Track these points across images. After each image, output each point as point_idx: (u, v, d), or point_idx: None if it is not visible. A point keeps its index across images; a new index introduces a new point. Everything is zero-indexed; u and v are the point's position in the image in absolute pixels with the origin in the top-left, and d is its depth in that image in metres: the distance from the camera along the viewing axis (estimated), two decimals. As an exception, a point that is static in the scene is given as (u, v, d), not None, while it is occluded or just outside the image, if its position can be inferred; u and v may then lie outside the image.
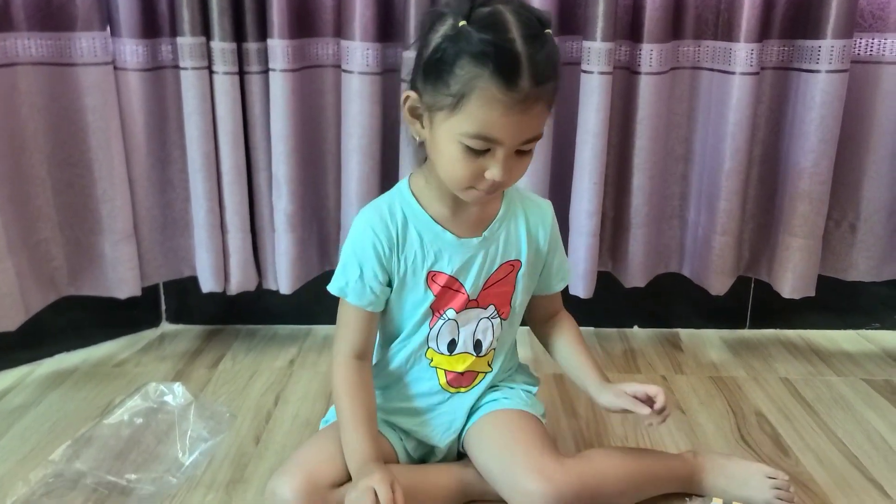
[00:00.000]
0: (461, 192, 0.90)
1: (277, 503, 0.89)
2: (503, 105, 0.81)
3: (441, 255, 0.97)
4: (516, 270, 1.01)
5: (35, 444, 1.16)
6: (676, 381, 1.40)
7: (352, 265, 0.96)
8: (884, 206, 1.43)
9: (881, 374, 1.42)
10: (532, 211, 1.02)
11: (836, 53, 1.29)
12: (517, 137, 0.84)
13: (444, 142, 0.86)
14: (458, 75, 0.81)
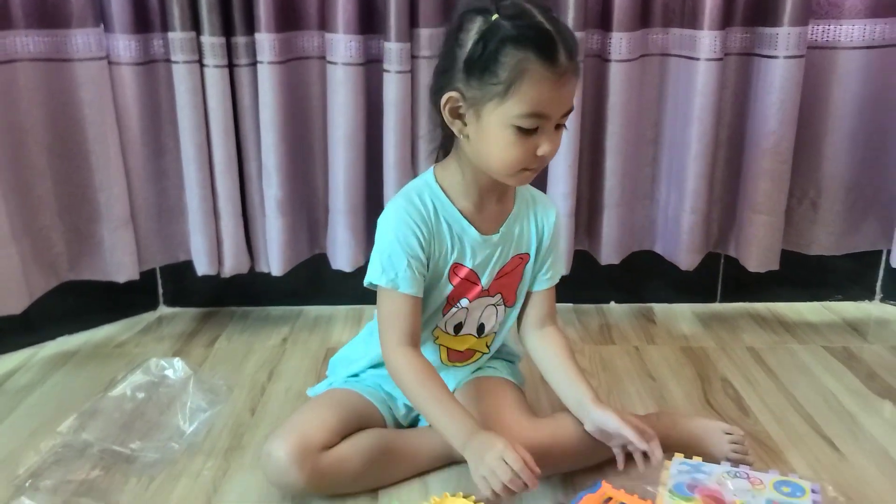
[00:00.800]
0: (512, 176, 0.96)
1: (272, 464, 0.97)
2: (549, 81, 0.89)
3: (465, 250, 1.03)
4: (524, 263, 1.08)
5: (43, 419, 1.23)
6: (648, 350, 1.48)
7: (398, 255, 0.99)
8: (842, 183, 1.51)
9: (840, 341, 1.51)
10: (541, 209, 1.10)
11: (793, 40, 1.37)
12: (561, 110, 0.92)
13: (496, 130, 0.92)
14: (505, 63, 0.88)
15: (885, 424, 1.20)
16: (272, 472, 0.98)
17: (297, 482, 0.96)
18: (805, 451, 1.12)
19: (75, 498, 1.01)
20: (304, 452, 0.96)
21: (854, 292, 1.70)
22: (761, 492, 0.95)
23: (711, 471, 0.99)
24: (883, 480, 1.05)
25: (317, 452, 0.97)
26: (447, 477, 1.06)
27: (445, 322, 1.08)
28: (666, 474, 0.98)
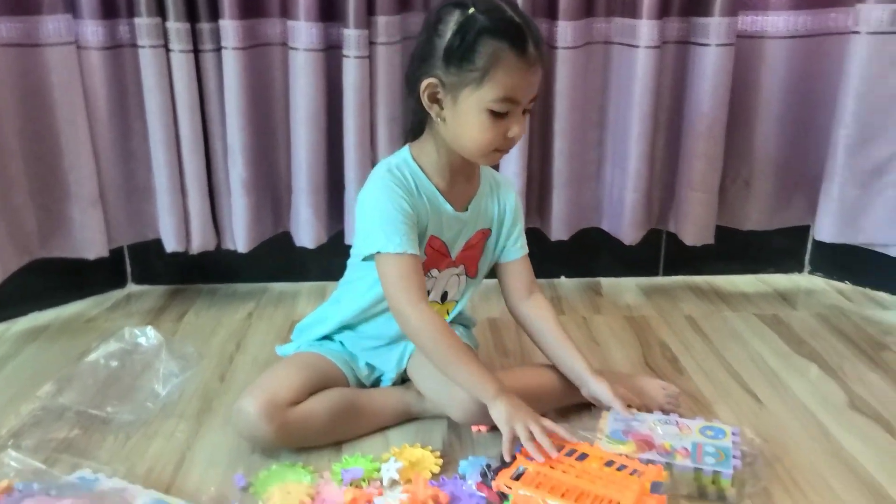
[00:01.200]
0: (485, 156, 1.05)
1: (243, 419, 1.05)
2: (519, 69, 0.98)
3: (440, 224, 1.11)
4: (486, 238, 1.17)
5: (20, 388, 1.28)
6: (594, 320, 1.58)
7: (398, 220, 1.04)
8: (772, 163, 1.64)
9: (770, 309, 1.64)
10: (503, 191, 1.19)
11: (724, 29, 1.48)
12: (529, 96, 1.02)
13: (471, 113, 1.00)
14: (482, 52, 0.97)
15: (804, 380, 1.32)
16: (243, 427, 1.06)
17: (266, 435, 1.04)
18: (731, 404, 1.23)
19: (56, 454, 1.08)
20: (272, 408, 1.04)
21: (785, 265, 1.83)
22: (688, 435, 1.05)
23: (644, 419, 1.09)
24: (798, 428, 1.16)
25: (284, 408, 1.05)
26: (406, 431, 1.15)
27: None
28: (604, 423, 1.09)
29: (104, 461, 1.06)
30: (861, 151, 1.53)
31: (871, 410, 1.22)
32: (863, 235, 1.59)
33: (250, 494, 1.00)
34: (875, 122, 1.51)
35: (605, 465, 0.96)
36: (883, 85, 1.48)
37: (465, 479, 1.03)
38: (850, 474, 1.04)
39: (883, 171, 1.54)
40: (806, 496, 1.00)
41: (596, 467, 0.95)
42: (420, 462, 1.06)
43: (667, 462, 0.99)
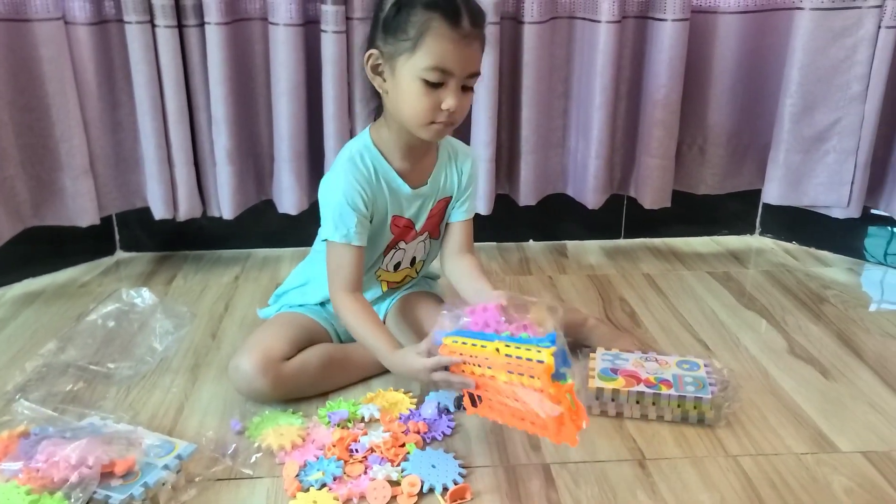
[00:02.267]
0: (423, 128, 1.09)
1: (240, 375, 1.14)
2: (451, 40, 1.03)
3: (402, 203, 1.19)
4: (447, 204, 1.25)
5: (21, 347, 1.36)
6: (560, 279, 1.70)
7: (348, 214, 1.13)
8: (725, 131, 1.75)
9: (722, 267, 1.76)
10: (460, 157, 1.25)
11: (679, 5, 1.58)
12: (464, 69, 1.05)
13: (406, 81, 1.06)
14: (414, 22, 1.03)
15: (750, 331, 1.45)
16: (240, 383, 1.15)
17: (262, 388, 1.14)
18: (683, 351, 1.36)
19: (63, 405, 1.16)
20: (267, 363, 1.14)
21: (737, 227, 1.96)
22: (668, 369, 1.19)
23: (628, 357, 1.23)
24: (742, 371, 1.29)
25: (278, 362, 1.15)
26: (386, 379, 1.26)
27: (387, 263, 1.26)
28: (593, 363, 1.21)
29: (109, 410, 1.15)
30: (804, 119, 1.65)
31: (807, 356, 1.35)
32: (806, 198, 1.72)
33: (246, 437, 1.10)
34: (817, 91, 1.62)
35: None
36: (824, 57, 1.60)
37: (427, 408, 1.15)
38: (786, 410, 1.17)
39: (824, 137, 1.66)
40: (745, 428, 1.12)
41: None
42: (396, 404, 1.17)
43: (655, 392, 1.12)
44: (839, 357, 1.34)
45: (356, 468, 1.02)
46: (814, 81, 1.61)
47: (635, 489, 0.99)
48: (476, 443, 1.09)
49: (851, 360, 1.33)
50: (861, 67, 1.58)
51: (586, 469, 1.03)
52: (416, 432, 1.10)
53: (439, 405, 1.16)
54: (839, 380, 1.26)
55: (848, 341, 1.40)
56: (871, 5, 1.54)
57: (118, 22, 1.52)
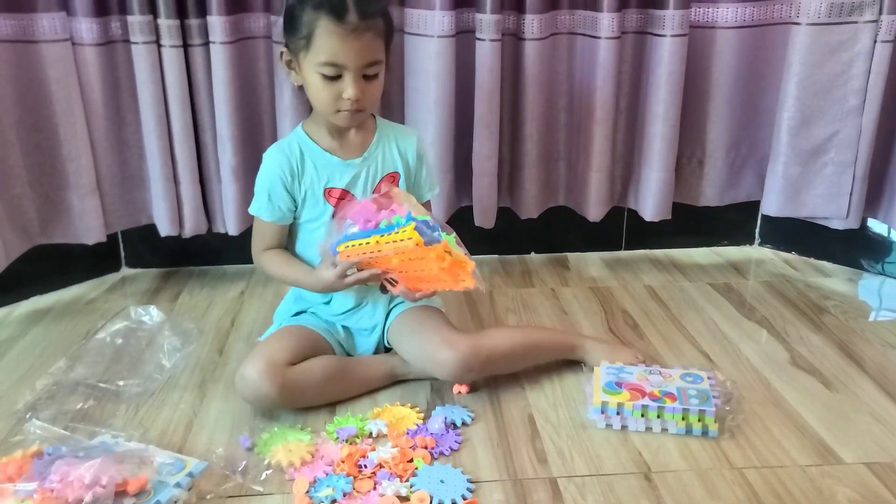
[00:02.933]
0: (332, 115, 1.19)
1: (246, 382, 1.16)
2: (338, 35, 1.12)
3: (332, 175, 1.26)
4: (397, 180, 1.30)
5: (30, 365, 1.38)
6: (562, 291, 1.71)
7: (262, 192, 1.25)
8: (723, 144, 1.77)
9: (723, 279, 1.78)
10: (401, 137, 1.31)
11: (678, 21, 1.60)
12: (358, 61, 1.14)
13: (308, 75, 1.16)
14: (305, 21, 1.13)
15: (752, 342, 1.46)
16: (247, 389, 1.17)
17: (268, 394, 1.15)
18: (685, 362, 1.37)
19: (73, 424, 1.18)
20: (272, 369, 1.15)
21: (737, 238, 1.98)
22: (672, 382, 1.21)
23: (632, 371, 1.24)
24: (744, 382, 1.30)
25: (283, 368, 1.17)
26: (392, 393, 1.27)
27: None
28: (597, 377, 1.22)
29: (119, 428, 1.16)
30: (802, 132, 1.67)
31: (809, 367, 1.36)
32: (805, 209, 1.74)
33: (255, 454, 1.11)
34: (814, 105, 1.64)
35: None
36: (821, 71, 1.62)
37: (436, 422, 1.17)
38: (789, 421, 1.19)
39: (822, 150, 1.68)
40: (749, 440, 1.14)
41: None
42: (403, 419, 1.19)
43: (659, 406, 1.14)
44: (841, 368, 1.35)
45: (365, 484, 1.03)
46: (811, 95, 1.63)
47: (642, 502, 1.01)
48: (483, 457, 1.10)
49: (853, 370, 1.35)
50: (858, 81, 1.60)
51: (593, 482, 1.05)
52: (424, 447, 1.11)
53: (446, 420, 1.17)
54: (841, 391, 1.28)
55: (849, 352, 1.41)
56: (867, 20, 1.56)
57: (124, 42, 1.54)
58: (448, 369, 1.20)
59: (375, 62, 1.16)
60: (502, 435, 1.16)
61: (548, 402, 1.24)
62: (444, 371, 1.21)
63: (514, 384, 1.29)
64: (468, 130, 1.69)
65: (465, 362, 1.19)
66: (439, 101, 1.62)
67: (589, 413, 1.18)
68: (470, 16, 1.63)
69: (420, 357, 1.23)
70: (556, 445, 1.13)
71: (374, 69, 1.17)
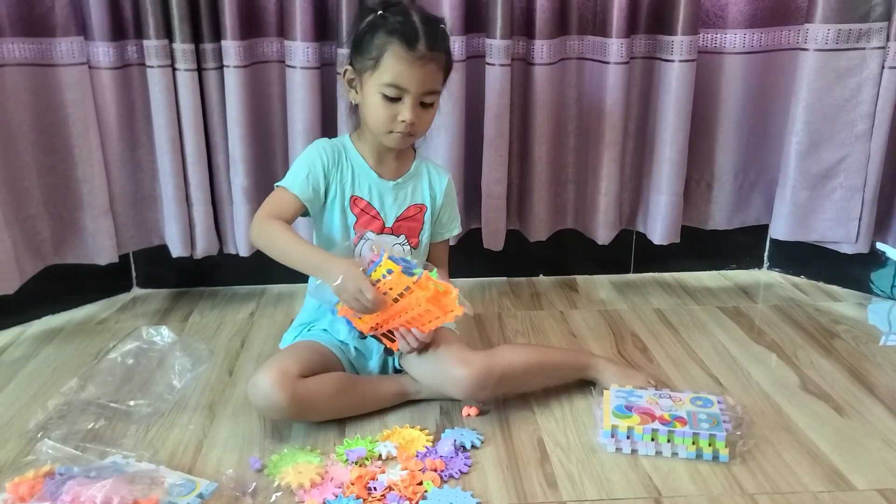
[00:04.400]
0: (385, 135, 1.25)
1: (259, 390, 1.17)
2: (406, 61, 1.19)
3: (363, 185, 1.31)
4: (423, 212, 1.34)
5: (42, 385, 1.38)
6: (572, 315, 1.71)
7: (302, 168, 1.28)
8: (731, 167, 1.78)
9: (732, 302, 1.78)
10: (434, 175, 1.38)
11: (686, 46, 1.62)
12: (419, 87, 1.21)
13: (370, 94, 1.23)
14: (377, 44, 1.21)
15: (762, 366, 1.46)
16: (259, 398, 1.17)
17: (280, 403, 1.15)
18: (695, 386, 1.37)
19: (84, 443, 1.18)
20: (284, 379, 1.16)
21: (745, 261, 1.98)
22: (682, 405, 1.20)
23: (642, 394, 1.24)
24: (755, 407, 1.30)
25: (295, 379, 1.17)
26: (402, 415, 1.27)
27: (360, 255, 1.29)
28: (607, 401, 1.22)
29: (129, 449, 1.16)
30: (811, 157, 1.68)
31: (820, 392, 1.36)
32: (814, 233, 1.74)
33: (265, 475, 1.11)
34: (823, 130, 1.65)
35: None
36: (829, 96, 1.63)
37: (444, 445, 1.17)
38: (800, 447, 1.18)
39: (830, 174, 1.68)
40: (760, 465, 1.13)
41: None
42: (412, 441, 1.19)
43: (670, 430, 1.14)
44: (852, 393, 1.35)
45: (375, 506, 1.03)
46: (819, 120, 1.64)
47: (653, 527, 1.00)
48: (493, 480, 1.10)
49: (864, 395, 1.34)
50: (866, 106, 1.61)
51: (603, 507, 1.04)
52: (434, 470, 1.11)
53: (456, 442, 1.17)
54: (853, 416, 1.27)
55: (860, 377, 1.41)
56: (875, 46, 1.58)
57: (140, 66, 1.57)
58: (463, 387, 1.20)
59: (434, 91, 1.24)
60: (512, 458, 1.16)
61: (557, 426, 1.24)
62: (459, 388, 1.21)
63: (524, 407, 1.29)
64: (477, 154, 1.71)
65: (480, 379, 1.20)
66: (449, 125, 1.64)
67: (599, 437, 1.18)
68: (480, 41, 1.65)
69: (434, 374, 1.24)
70: (566, 469, 1.13)
71: (431, 98, 1.24)
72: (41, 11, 1.46)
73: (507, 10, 1.58)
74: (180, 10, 1.52)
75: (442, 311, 1.16)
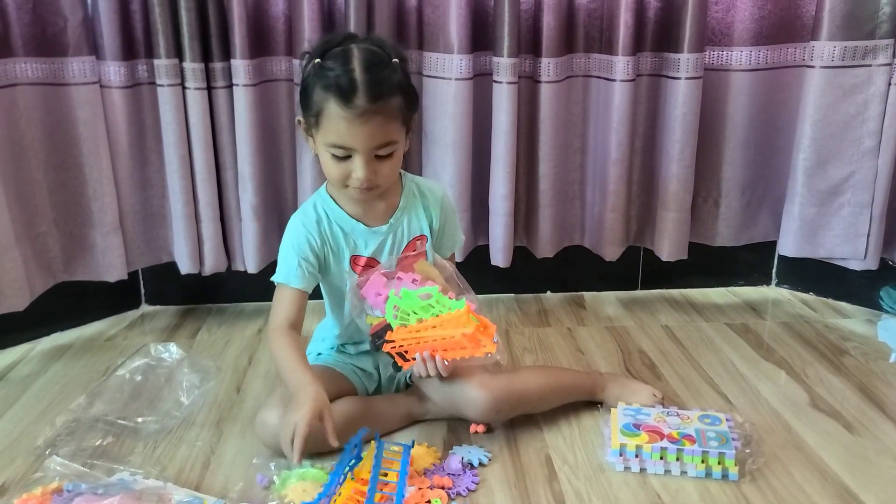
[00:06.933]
0: (341, 190, 1.17)
1: (267, 429, 1.16)
2: (346, 119, 1.07)
3: (359, 243, 1.23)
4: (424, 243, 1.28)
5: (50, 402, 1.39)
6: (579, 331, 1.71)
7: (291, 257, 1.20)
8: (739, 184, 1.78)
9: (740, 319, 1.77)
10: (427, 196, 1.28)
11: (692, 64, 1.62)
12: (367, 144, 1.09)
13: (320, 150, 1.14)
14: (315, 101, 1.10)
15: (771, 383, 1.45)
16: (267, 437, 1.17)
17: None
18: (704, 404, 1.36)
19: (92, 460, 1.18)
20: None
21: (754, 278, 1.97)
22: (690, 424, 1.20)
23: (650, 412, 1.24)
24: (763, 425, 1.29)
25: None
26: (409, 433, 1.27)
27: None
28: (615, 419, 1.22)
29: (137, 465, 1.17)
30: (818, 173, 1.68)
31: (830, 409, 1.35)
32: (822, 250, 1.73)
33: (272, 492, 1.11)
34: (830, 146, 1.65)
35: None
36: (835, 113, 1.63)
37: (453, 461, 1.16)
38: (810, 465, 1.17)
39: (838, 191, 1.68)
40: (770, 484, 1.12)
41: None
42: (421, 458, 1.18)
43: (679, 448, 1.13)
44: (862, 410, 1.34)
45: (383, 524, 1.03)
46: (826, 136, 1.65)
47: (662, 546, 1.00)
48: (500, 498, 1.10)
49: (874, 413, 1.33)
50: (873, 123, 1.61)
51: (612, 526, 1.04)
52: (441, 487, 1.10)
53: (463, 460, 1.17)
54: (863, 434, 1.26)
55: (870, 394, 1.40)
56: (881, 63, 1.58)
57: (150, 84, 1.59)
58: (480, 409, 1.20)
59: (388, 143, 1.11)
60: (519, 476, 1.15)
61: (565, 443, 1.24)
62: (476, 411, 1.21)
63: (532, 424, 1.28)
64: (485, 170, 1.72)
65: (498, 403, 1.20)
66: (456, 143, 1.65)
67: (607, 455, 1.18)
68: (487, 59, 1.66)
69: (450, 395, 1.23)
70: (574, 487, 1.12)
71: (387, 150, 1.12)
72: (54, 31, 1.48)
73: (514, 28, 1.59)
74: (190, 29, 1.54)
75: (475, 345, 1.12)
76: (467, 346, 1.11)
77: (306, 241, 1.20)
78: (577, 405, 1.33)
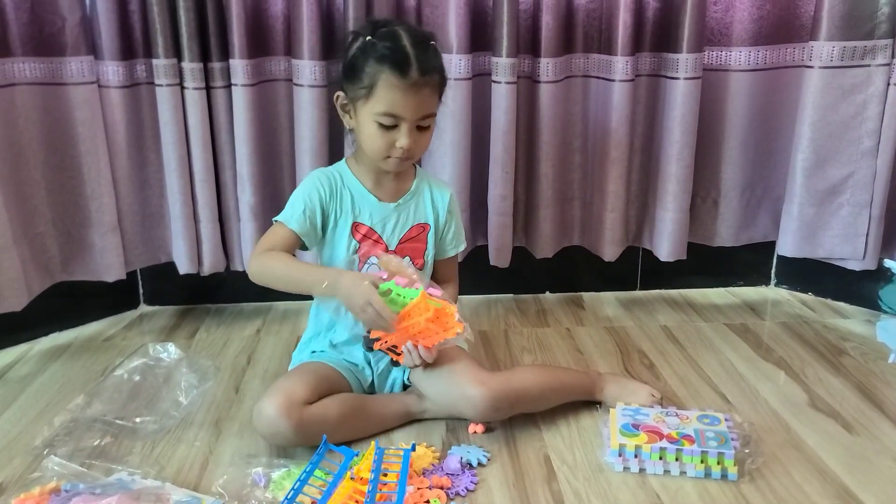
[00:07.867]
0: (381, 161, 1.24)
1: (264, 419, 1.16)
2: (399, 89, 1.17)
3: (364, 211, 1.30)
4: (426, 231, 1.33)
5: (48, 402, 1.39)
6: (578, 331, 1.71)
7: (298, 203, 1.27)
8: (738, 184, 1.78)
9: (739, 319, 1.77)
10: (436, 192, 1.36)
11: (691, 64, 1.62)
12: (415, 114, 1.19)
13: (364, 122, 1.21)
14: (368, 72, 1.18)
15: (770, 383, 1.45)
16: (264, 426, 1.17)
17: (285, 431, 1.15)
18: (702, 404, 1.36)
19: (90, 460, 1.18)
20: (290, 406, 1.15)
21: (753, 278, 1.97)
22: (689, 424, 1.20)
23: (649, 412, 1.23)
24: (763, 424, 1.29)
25: (300, 406, 1.17)
26: (408, 432, 1.27)
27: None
28: (613, 419, 1.22)
29: (135, 465, 1.16)
30: (817, 173, 1.68)
31: (829, 409, 1.35)
32: (821, 250, 1.73)
33: (270, 491, 1.10)
34: (829, 146, 1.65)
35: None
36: (834, 113, 1.63)
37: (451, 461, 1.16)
38: (810, 465, 1.17)
39: (837, 191, 1.68)
40: (769, 484, 1.12)
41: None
42: (419, 458, 1.18)
43: (678, 448, 1.13)
44: (861, 410, 1.34)
45: (381, 524, 1.03)
46: (825, 137, 1.65)
47: (661, 546, 0.99)
48: (499, 498, 1.10)
49: (874, 413, 1.33)
50: (872, 123, 1.61)
51: (611, 526, 1.03)
52: (440, 487, 1.10)
53: (462, 460, 1.16)
54: (862, 434, 1.26)
55: (869, 394, 1.40)
56: (880, 63, 1.58)
57: (149, 84, 1.58)
58: (478, 407, 1.20)
59: (430, 115, 1.22)
60: (518, 476, 1.15)
61: (564, 443, 1.23)
62: (474, 408, 1.21)
63: (530, 424, 1.28)
64: (484, 171, 1.71)
65: (496, 401, 1.20)
66: (456, 142, 1.64)
67: (606, 456, 1.18)
68: (486, 59, 1.66)
69: (448, 394, 1.23)
70: (573, 487, 1.12)
71: (427, 121, 1.22)
72: (52, 31, 1.48)
73: (513, 28, 1.59)
74: (189, 29, 1.53)
75: (443, 328, 1.15)
76: (438, 331, 1.15)
77: (316, 191, 1.27)
78: (576, 405, 1.33)
